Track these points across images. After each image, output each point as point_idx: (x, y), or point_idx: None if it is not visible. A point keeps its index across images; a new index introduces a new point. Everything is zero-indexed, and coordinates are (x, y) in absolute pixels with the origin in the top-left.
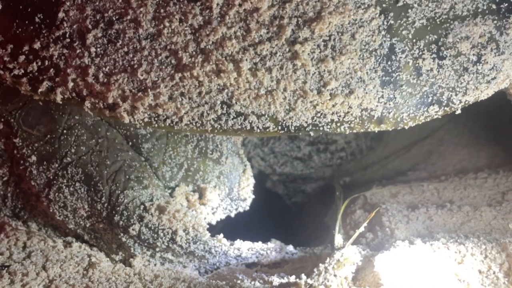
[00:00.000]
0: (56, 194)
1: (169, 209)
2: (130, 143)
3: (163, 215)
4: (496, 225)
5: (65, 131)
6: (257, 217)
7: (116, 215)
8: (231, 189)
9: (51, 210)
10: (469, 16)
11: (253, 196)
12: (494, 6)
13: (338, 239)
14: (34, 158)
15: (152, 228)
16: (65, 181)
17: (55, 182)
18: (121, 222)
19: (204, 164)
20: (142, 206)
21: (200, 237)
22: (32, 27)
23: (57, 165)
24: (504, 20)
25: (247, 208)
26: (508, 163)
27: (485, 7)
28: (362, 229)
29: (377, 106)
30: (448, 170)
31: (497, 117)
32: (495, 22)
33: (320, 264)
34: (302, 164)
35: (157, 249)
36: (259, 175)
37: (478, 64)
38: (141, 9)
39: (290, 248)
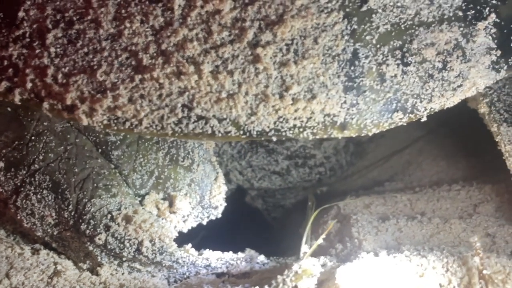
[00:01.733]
0: (24, 201)
1: (135, 219)
2: (100, 150)
3: (130, 225)
4: (465, 237)
5: (33, 138)
6: (236, 230)
7: (83, 224)
8: (203, 196)
9: (18, 217)
10: (435, 23)
11: (225, 204)
12: (460, 13)
13: (305, 249)
14: (1, 164)
15: (118, 238)
16: (32, 188)
17: (22, 189)
18: (87, 231)
19: (175, 172)
20: (109, 215)
21: (166, 248)
22: None
23: (24, 172)
24: (470, 28)
25: (219, 215)
26: (483, 175)
27: (451, 14)
28: (320, 240)
29: (340, 111)
30: (424, 182)
31: (477, 130)
32: (462, 29)
33: (278, 276)
34: (280, 178)
35: (124, 259)
36: (237, 189)
37: (443, 71)
38: (102, 9)
39: (261, 258)
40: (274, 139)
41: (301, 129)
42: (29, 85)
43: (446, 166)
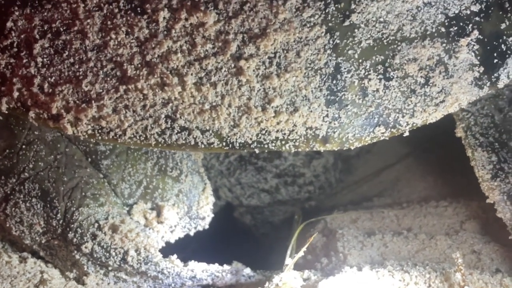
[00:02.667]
0: (13, 209)
1: (121, 229)
2: (89, 159)
3: (116, 234)
4: (450, 254)
5: (24, 146)
6: (224, 242)
7: (70, 232)
8: (190, 207)
9: (7, 225)
10: (417, 38)
11: (212, 215)
12: (443, 29)
13: (288, 262)
14: None
15: (105, 247)
16: (22, 196)
17: (12, 197)
18: (74, 240)
19: (163, 182)
20: (96, 224)
21: (151, 258)
22: None
23: (14, 180)
24: (453, 44)
25: (206, 226)
26: (470, 192)
27: (434, 30)
28: (301, 253)
29: (322, 125)
30: (412, 197)
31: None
32: (444, 45)
33: None
34: (269, 196)
35: (110, 268)
36: (226, 205)
37: (426, 86)
38: (88, 20)
39: (247, 271)
40: (257, 151)
41: (283, 142)
42: (16, 94)
43: (434, 182)
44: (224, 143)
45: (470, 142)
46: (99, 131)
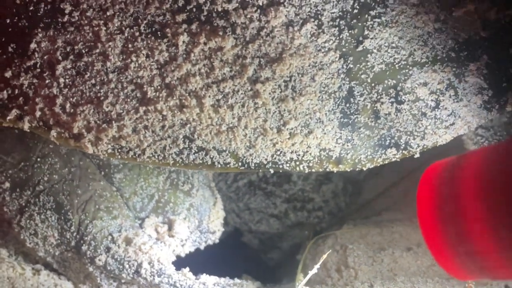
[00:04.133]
0: (28, 221)
1: (135, 241)
2: (103, 173)
3: (130, 247)
4: None
5: (39, 159)
6: (232, 253)
7: (84, 245)
8: (201, 221)
9: (22, 237)
10: (428, 63)
11: (222, 229)
12: (453, 54)
13: (300, 277)
14: (7, 184)
15: (118, 259)
16: (37, 208)
17: (27, 209)
18: (88, 252)
19: (174, 196)
20: (109, 237)
21: (164, 271)
22: (4, 56)
23: (29, 193)
24: (463, 68)
25: (217, 241)
26: None
27: (444, 55)
28: (315, 270)
29: (335, 146)
30: None
31: None
32: (454, 69)
33: None
34: (278, 222)
35: (123, 281)
36: (235, 231)
37: (436, 109)
38: (110, 43)
39: (257, 284)
40: (272, 171)
41: (297, 162)
42: (38, 113)
43: None
44: (240, 163)
45: None
46: (119, 150)
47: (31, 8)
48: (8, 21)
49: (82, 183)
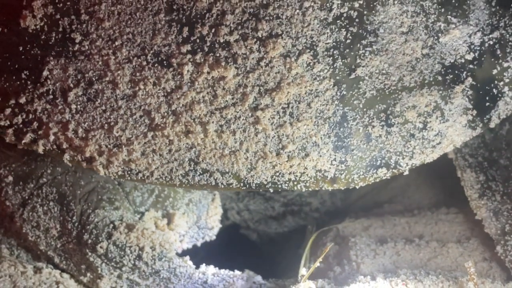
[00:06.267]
0: (30, 213)
1: (137, 227)
2: None
3: (132, 233)
4: (462, 261)
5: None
6: (232, 247)
7: (86, 234)
8: (199, 217)
9: (24, 231)
10: (416, 87)
11: (220, 225)
12: (440, 78)
13: (303, 271)
14: (10, 178)
15: (120, 245)
16: (39, 200)
17: (30, 201)
18: (89, 240)
19: (174, 191)
20: (111, 225)
21: (165, 253)
22: (18, 83)
23: (33, 185)
24: (449, 90)
25: (214, 237)
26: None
27: (431, 79)
28: (318, 264)
29: (330, 168)
30: (423, 204)
31: None
32: (441, 92)
33: None
34: (276, 223)
35: (124, 269)
36: (234, 225)
37: (424, 130)
38: (119, 71)
39: (258, 278)
40: (271, 190)
41: (295, 182)
42: (52, 137)
43: (444, 188)
44: (242, 184)
45: (460, 164)
46: (129, 172)
47: (43, 37)
48: (21, 48)
49: (85, 174)
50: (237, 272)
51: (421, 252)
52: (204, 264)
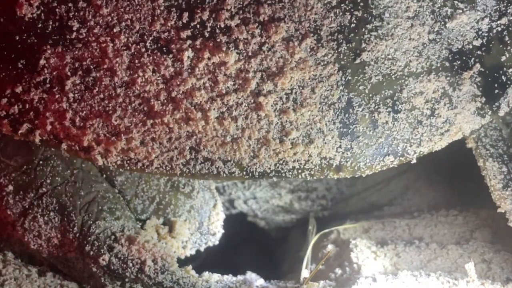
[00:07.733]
0: (31, 223)
1: (138, 239)
2: (105, 175)
3: (133, 245)
4: (462, 263)
5: (41, 162)
6: (236, 252)
7: (87, 245)
8: (201, 223)
9: (26, 239)
10: (423, 73)
11: (222, 231)
12: (447, 64)
13: (305, 273)
14: (11, 187)
15: (122, 258)
16: (40, 210)
17: (30, 211)
18: (91, 252)
19: (175, 198)
20: (112, 237)
21: (168, 267)
22: (15, 72)
23: (33, 195)
24: (457, 77)
25: (217, 242)
26: (480, 201)
27: (439, 65)
28: (319, 266)
29: (335, 155)
30: (422, 206)
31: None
32: (448, 78)
33: None
34: (283, 211)
35: (126, 280)
36: (241, 214)
37: (431, 117)
38: (117, 59)
39: (261, 281)
40: (275, 179)
41: (299, 171)
42: (48, 127)
43: (443, 191)
44: (244, 173)
45: (481, 153)
46: (128, 162)
47: (40, 25)
48: (17, 37)
49: (85, 185)
50: (239, 277)
51: (421, 254)
52: (207, 272)
